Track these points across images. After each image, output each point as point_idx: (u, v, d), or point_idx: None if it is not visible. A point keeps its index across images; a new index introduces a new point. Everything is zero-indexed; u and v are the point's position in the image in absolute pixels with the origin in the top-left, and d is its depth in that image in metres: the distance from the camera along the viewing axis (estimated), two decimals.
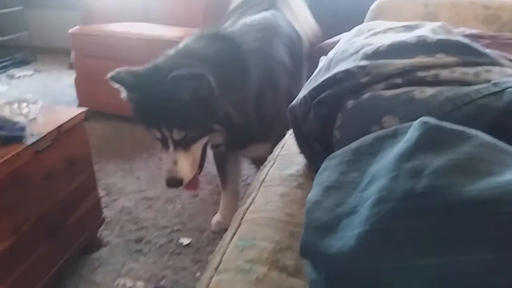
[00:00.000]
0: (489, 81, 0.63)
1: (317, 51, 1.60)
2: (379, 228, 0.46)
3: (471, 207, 0.41)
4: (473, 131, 0.50)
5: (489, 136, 0.50)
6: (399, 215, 0.45)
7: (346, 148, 0.66)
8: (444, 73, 0.66)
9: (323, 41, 1.71)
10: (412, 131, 0.51)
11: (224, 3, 2.03)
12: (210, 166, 2.11)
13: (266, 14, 1.62)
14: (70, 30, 2.66)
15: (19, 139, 1.18)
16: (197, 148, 1.18)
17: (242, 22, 1.50)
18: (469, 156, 0.46)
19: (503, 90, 0.59)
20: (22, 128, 1.21)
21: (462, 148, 0.47)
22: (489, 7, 1.63)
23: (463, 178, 0.44)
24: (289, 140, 1.12)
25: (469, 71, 0.66)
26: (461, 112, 0.59)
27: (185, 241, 1.62)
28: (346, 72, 0.74)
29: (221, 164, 1.67)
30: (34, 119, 1.33)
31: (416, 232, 0.44)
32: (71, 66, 3.30)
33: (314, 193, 0.60)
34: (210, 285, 0.67)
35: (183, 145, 1.14)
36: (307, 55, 1.72)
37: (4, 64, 3.69)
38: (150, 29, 2.56)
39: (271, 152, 1.12)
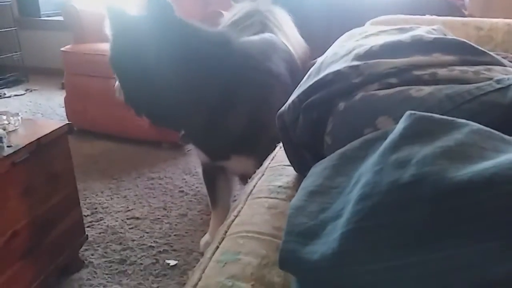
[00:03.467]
0: (491, 79, 0.58)
1: (310, 67, 1.59)
2: (363, 226, 0.41)
3: (464, 192, 0.36)
4: (463, 120, 0.45)
5: (482, 126, 0.45)
6: (384, 209, 0.40)
7: (333, 154, 0.60)
8: (442, 72, 0.62)
9: (313, 59, 1.69)
10: (399, 124, 0.47)
11: (218, 22, 2.02)
12: (200, 185, 2.05)
13: (264, 35, 1.64)
14: (62, 48, 2.64)
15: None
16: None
17: (244, 39, 1.52)
18: (461, 143, 0.41)
19: (508, 86, 0.54)
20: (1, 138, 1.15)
21: (453, 136, 0.42)
22: (482, 28, 1.61)
23: (454, 164, 0.38)
24: (279, 152, 1.07)
25: (469, 70, 0.61)
26: (462, 110, 0.54)
27: (172, 262, 1.54)
28: (337, 73, 0.70)
29: (211, 182, 1.61)
30: (14, 131, 1.28)
31: (404, 227, 0.38)
32: (63, 86, 3.27)
33: (297, 199, 0.54)
34: None
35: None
36: (299, 72, 1.70)
37: None
38: None
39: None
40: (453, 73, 0.61)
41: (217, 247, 0.73)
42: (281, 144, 1.04)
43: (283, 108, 0.83)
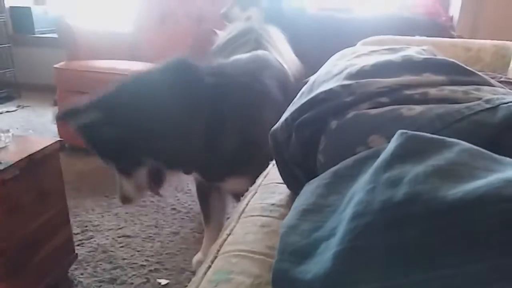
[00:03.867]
0: (480, 99, 0.59)
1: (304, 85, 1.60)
2: (356, 246, 0.40)
3: (456, 211, 0.36)
4: (454, 140, 0.46)
5: (472, 145, 0.46)
6: (377, 228, 0.40)
7: (325, 172, 0.61)
8: (433, 91, 0.63)
9: (307, 77, 1.71)
10: (390, 143, 0.47)
11: (212, 41, 2.04)
12: (193, 203, 2.04)
13: (257, 52, 1.62)
14: (55, 65, 2.64)
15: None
16: (141, 175, 1.24)
17: (233, 58, 1.51)
18: (452, 162, 0.42)
19: (497, 106, 0.55)
20: None
21: (444, 155, 0.43)
22: (470, 49, 1.65)
23: (446, 183, 0.39)
24: (272, 169, 1.07)
25: (458, 89, 0.62)
26: (453, 129, 0.55)
27: (163, 281, 1.51)
28: (329, 92, 0.70)
29: (204, 199, 1.60)
30: (4, 147, 1.27)
31: (397, 246, 0.38)
32: (55, 103, 3.26)
33: (289, 217, 0.54)
34: None
35: (129, 173, 1.24)
36: (293, 90, 1.70)
37: None
38: (137, 66, 2.55)
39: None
40: (443, 92, 0.62)
41: (209, 266, 0.72)
42: (274, 162, 1.04)
43: (276, 126, 0.84)
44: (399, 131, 0.47)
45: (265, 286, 0.66)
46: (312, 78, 0.86)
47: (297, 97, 0.85)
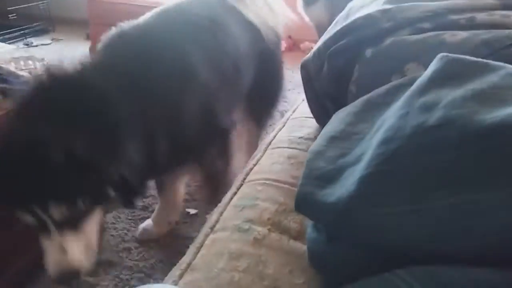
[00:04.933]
0: None
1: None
2: (384, 170, 0.39)
3: (493, 135, 0.34)
4: (500, 63, 0.42)
5: None
6: (407, 152, 0.39)
7: (356, 101, 0.58)
8: (481, 16, 0.57)
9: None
10: (429, 67, 0.44)
11: None
12: None
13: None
14: None
15: (22, 92, 1.14)
16: (91, 223, 0.82)
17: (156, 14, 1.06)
18: (494, 85, 0.39)
19: None
20: (25, 82, 1.17)
21: (486, 78, 0.40)
22: None
23: (486, 107, 0.36)
24: (302, 104, 1.05)
25: (511, 14, 0.57)
26: (500, 55, 0.50)
27: (192, 211, 1.57)
28: (367, 17, 0.66)
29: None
30: None
31: (427, 170, 0.37)
32: (88, 37, 3.27)
33: (316, 144, 0.53)
34: (205, 243, 0.61)
35: (69, 224, 0.78)
36: (273, 54, 1.32)
37: (22, 32, 3.68)
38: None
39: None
40: (493, 17, 0.57)
41: (235, 193, 0.73)
42: (303, 96, 1.02)
43: (307, 56, 0.81)
44: (440, 55, 0.44)
45: (289, 213, 0.66)
46: (349, 5, 0.81)
47: (331, 26, 0.81)
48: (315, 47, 0.79)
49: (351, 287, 0.38)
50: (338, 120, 0.57)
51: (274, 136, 0.91)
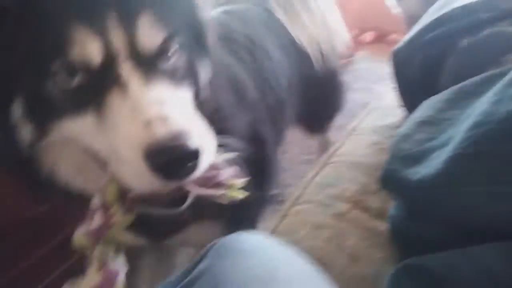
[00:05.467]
0: None
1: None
2: (472, 152, 0.42)
3: None
4: None
5: None
6: (497, 137, 0.41)
7: (448, 89, 0.59)
8: None
9: None
10: None
11: None
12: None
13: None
14: None
15: None
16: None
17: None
18: None
19: None
20: None
21: None
22: None
23: None
24: (388, 94, 1.05)
25: None
26: None
27: None
28: (464, 7, 0.66)
29: None
30: None
31: None
32: None
33: (404, 127, 0.56)
34: (289, 212, 0.67)
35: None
36: (324, 78, 1.12)
37: None
38: None
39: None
40: None
41: (319, 171, 0.78)
42: (388, 89, 1.02)
43: (399, 45, 0.82)
44: None
45: (371, 194, 0.69)
46: None
47: (424, 17, 0.81)
48: (407, 36, 0.80)
49: (435, 255, 0.41)
50: (427, 106, 0.59)
51: (358, 124, 0.94)
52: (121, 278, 0.46)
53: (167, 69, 0.49)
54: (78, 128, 0.48)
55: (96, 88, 0.46)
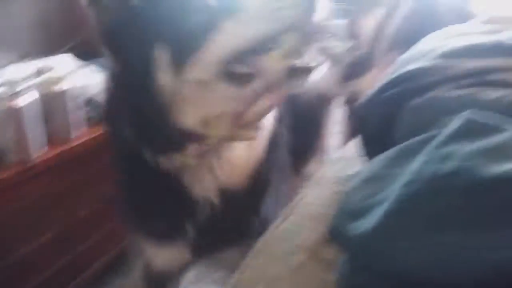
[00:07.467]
0: None
1: None
2: (404, 208, 0.47)
3: (493, 186, 0.41)
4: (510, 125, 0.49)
5: None
6: (424, 195, 0.46)
7: (394, 147, 0.65)
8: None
9: None
10: (452, 123, 0.52)
11: None
12: None
13: None
14: None
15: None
16: None
17: None
18: (503, 143, 0.45)
19: None
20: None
21: (497, 137, 0.47)
22: None
23: (492, 161, 0.43)
24: (351, 143, 1.10)
25: None
26: None
27: None
28: (416, 70, 0.73)
29: None
30: None
31: (439, 212, 0.44)
32: None
33: (353, 182, 0.61)
34: (250, 264, 0.69)
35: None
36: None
37: None
38: None
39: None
40: None
41: (280, 223, 0.81)
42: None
43: (359, 101, 0.87)
44: (460, 114, 0.51)
45: (328, 247, 0.72)
46: (402, 56, 0.87)
47: (389, 73, 0.87)
48: (369, 93, 0.85)
49: None
50: (375, 162, 0.64)
51: (321, 174, 0.98)
52: None
53: None
54: None
55: None
